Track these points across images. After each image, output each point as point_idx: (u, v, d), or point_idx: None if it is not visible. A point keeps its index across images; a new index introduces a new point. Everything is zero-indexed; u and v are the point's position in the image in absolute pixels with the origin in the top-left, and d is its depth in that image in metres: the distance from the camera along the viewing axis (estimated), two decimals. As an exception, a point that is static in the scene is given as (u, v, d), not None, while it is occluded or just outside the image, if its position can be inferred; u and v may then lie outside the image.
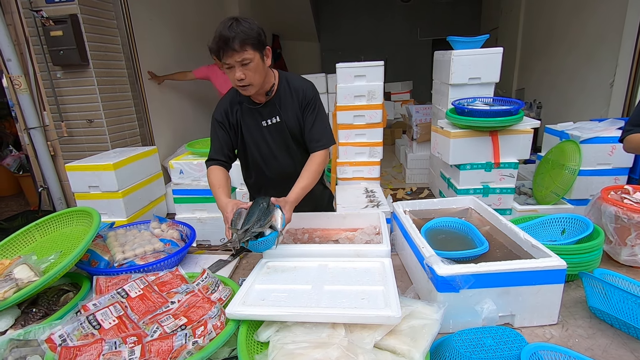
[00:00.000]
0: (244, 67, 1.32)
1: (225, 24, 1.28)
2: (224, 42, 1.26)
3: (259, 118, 1.52)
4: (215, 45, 1.29)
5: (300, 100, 1.50)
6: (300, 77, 1.56)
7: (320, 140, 1.51)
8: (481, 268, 0.99)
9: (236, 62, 1.30)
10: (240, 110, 1.52)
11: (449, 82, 3.07)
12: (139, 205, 2.95)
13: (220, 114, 1.52)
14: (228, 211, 1.25)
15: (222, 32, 1.26)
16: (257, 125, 1.53)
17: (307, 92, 1.51)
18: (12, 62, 3.10)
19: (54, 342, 0.89)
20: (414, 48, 9.38)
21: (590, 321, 1.05)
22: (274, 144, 1.55)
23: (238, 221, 1.19)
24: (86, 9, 3.11)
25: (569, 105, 4.47)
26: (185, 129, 4.69)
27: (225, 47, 1.27)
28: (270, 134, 1.54)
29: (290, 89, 1.51)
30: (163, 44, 4.29)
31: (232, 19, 1.29)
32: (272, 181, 1.64)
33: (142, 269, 1.30)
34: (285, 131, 1.53)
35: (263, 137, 1.54)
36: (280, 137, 1.54)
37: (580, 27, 4.24)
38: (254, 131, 1.54)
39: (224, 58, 1.30)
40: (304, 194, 1.40)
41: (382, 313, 0.91)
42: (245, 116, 1.52)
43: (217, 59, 1.33)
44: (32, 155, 3.44)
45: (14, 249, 1.38)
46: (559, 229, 1.41)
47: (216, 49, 1.29)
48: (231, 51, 1.28)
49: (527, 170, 3.28)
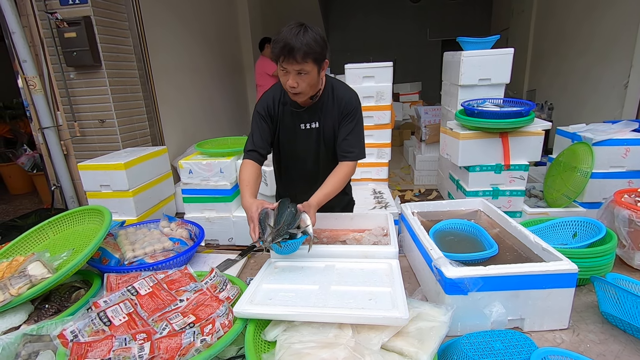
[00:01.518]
0: (299, 77, 1.34)
1: (292, 30, 1.27)
2: (288, 51, 1.27)
3: (298, 121, 1.53)
4: (279, 50, 1.28)
5: (341, 110, 1.51)
6: (345, 86, 1.56)
7: (352, 151, 1.51)
8: (490, 271, 0.98)
9: (294, 69, 1.31)
10: (282, 109, 1.52)
11: (458, 83, 3.04)
12: (149, 204, 2.99)
13: (263, 107, 1.53)
14: (253, 211, 1.24)
15: (288, 39, 1.26)
16: (294, 126, 1.54)
17: (350, 102, 1.51)
18: (27, 63, 3.17)
19: (66, 338, 0.91)
20: (424, 49, 9.33)
21: (602, 326, 1.04)
22: (306, 147, 1.57)
23: (267, 222, 1.19)
24: (99, 11, 3.16)
25: (581, 107, 4.40)
26: (194, 129, 4.74)
27: (287, 55, 1.28)
28: (306, 137, 1.55)
29: (334, 96, 1.51)
30: (173, 44, 4.33)
31: (300, 25, 1.29)
32: (294, 183, 1.66)
33: (152, 267, 1.31)
34: (321, 137, 1.55)
35: (297, 140, 1.55)
36: (314, 142, 1.56)
37: (593, 27, 4.17)
38: (290, 132, 1.55)
39: (283, 63, 1.31)
40: (326, 200, 1.40)
41: (389, 314, 0.90)
42: (286, 116, 1.53)
43: (275, 60, 1.35)
44: (45, 154, 3.51)
45: (28, 246, 1.41)
46: (570, 233, 1.39)
47: (278, 53, 1.29)
48: (292, 60, 1.28)
49: (537, 172, 3.23)
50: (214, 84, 5.38)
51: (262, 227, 1.18)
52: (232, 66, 6.00)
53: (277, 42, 1.29)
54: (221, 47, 5.56)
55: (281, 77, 1.37)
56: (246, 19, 6.25)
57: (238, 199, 3.05)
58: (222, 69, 5.61)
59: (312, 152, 1.58)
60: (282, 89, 1.49)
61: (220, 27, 5.55)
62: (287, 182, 1.72)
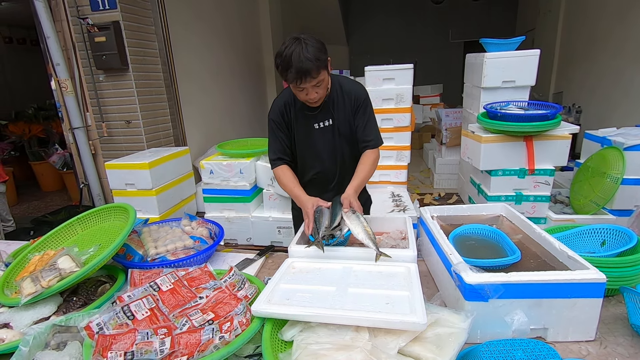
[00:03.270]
0: (317, 88, 1.38)
1: (296, 51, 1.28)
2: (303, 74, 1.30)
3: (312, 120, 1.56)
4: (294, 76, 1.31)
5: (352, 103, 1.54)
6: (352, 80, 1.60)
7: (372, 139, 1.57)
8: (512, 277, 0.96)
9: (311, 85, 1.35)
10: (295, 113, 1.55)
11: (481, 86, 2.98)
12: (171, 203, 3.07)
13: (276, 114, 1.56)
14: (309, 207, 1.31)
15: (297, 64, 1.28)
16: (309, 127, 1.57)
17: (359, 95, 1.55)
18: (60, 66, 3.33)
19: (92, 330, 0.95)
20: (445, 50, 9.19)
21: (631, 339, 0.99)
22: (323, 146, 1.59)
23: (322, 219, 1.27)
24: (127, 16, 3.28)
25: (611, 111, 4.22)
26: (215, 130, 4.83)
27: (304, 78, 1.31)
28: (321, 136, 1.58)
29: (342, 92, 1.54)
30: (197, 47, 4.44)
31: (297, 40, 1.30)
32: (311, 182, 1.68)
33: (173, 264, 1.35)
34: (336, 134, 1.57)
35: (313, 139, 1.58)
36: (330, 140, 1.58)
37: (626, 29, 4.00)
38: (305, 132, 1.58)
39: (301, 84, 1.34)
40: (362, 186, 1.45)
41: (407, 319, 0.89)
42: (299, 117, 1.56)
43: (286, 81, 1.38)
44: (75, 153, 3.67)
45: (58, 241, 1.48)
46: (598, 241, 1.33)
47: (294, 79, 1.32)
48: (310, 79, 1.32)
49: (564, 177, 3.12)
50: (235, 85, 5.48)
51: (317, 224, 1.25)
52: (252, 68, 6.09)
53: (286, 69, 1.30)
54: (243, 49, 5.66)
55: (298, 93, 1.41)
56: (267, 21, 6.33)
57: (257, 200, 3.09)
58: (243, 71, 5.70)
59: (329, 149, 1.60)
60: (291, 93, 1.52)
61: (242, 29, 5.65)
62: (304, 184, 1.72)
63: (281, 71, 1.34)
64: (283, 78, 1.36)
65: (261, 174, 2.98)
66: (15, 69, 6.69)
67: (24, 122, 5.46)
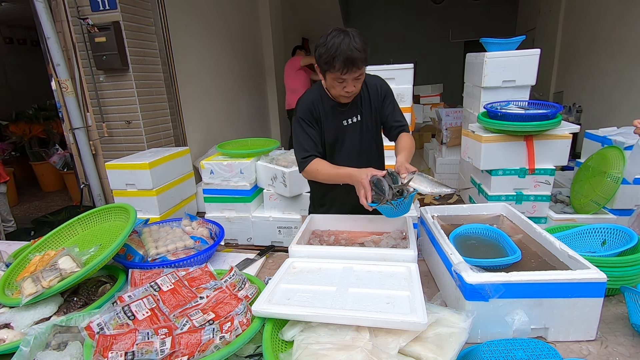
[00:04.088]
0: (356, 81, 1.38)
1: (344, 40, 1.30)
2: (351, 63, 1.30)
3: (341, 117, 1.56)
4: (341, 65, 1.31)
5: (378, 93, 1.58)
6: (368, 74, 1.60)
7: (404, 123, 1.62)
8: (512, 277, 0.96)
9: (354, 77, 1.36)
10: (324, 110, 1.55)
11: (481, 85, 2.98)
12: (172, 203, 3.07)
13: (305, 112, 1.54)
14: (363, 178, 1.30)
15: (347, 52, 1.29)
16: (338, 123, 1.56)
17: (382, 84, 1.60)
18: (60, 67, 3.33)
19: (93, 330, 0.95)
20: (445, 50, 9.17)
21: (632, 339, 0.99)
22: (351, 142, 1.60)
23: (382, 184, 1.27)
24: (128, 17, 3.28)
25: (612, 110, 4.21)
26: (216, 130, 4.84)
27: (351, 67, 1.32)
28: (350, 132, 1.58)
29: (367, 87, 1.56)
30: (197, 47, 4.44)
31: (345, 32, 1.32)
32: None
33: (174, 264, 1.35)
34: (364, 130, 1.59)
35: (342, 136, 1.58)
36: (358, 136, 1.59)
37: (626, 28, 4.00)
38: (334, 130, 1.57)
39: (345, 75, 1.34)
40: (410, 159, 1.46)
41: (407, 319, 0.89)
42: (328, 114, 1.55)
43: (328, 72, 1.36)
44: (75, 153, 3.67)
45: (58, 241, 1.48)
46: (599, 240, 1.33)
47: (341, 68, 1.32)
48: (355, 69, 1.33)
49: (564, 177, 3.12)
50: (235, 86, 5.48)
51: (380, 189, 1.25)
52: (253, 68, 6.09)
53: (333, 58, 1.30)
54: (243, 49, 5.66)
55: (335, 86, 1.40)
56: (267, 21, 6.33)
57: (257, 200, 3.09)
58: (243, 71, 5.70)
59: (358, 145, 1.61)
60: (319, 91, 1.52)
61: (243, 29, 5.65)
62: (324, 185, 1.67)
63: (326, 60, 1.33)
64: (326, 68, 1.35)
65: (261, 174, 2.98)
66: (16, 69, 6.69)
67: (24, 122, 5.46)
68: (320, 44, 1.35)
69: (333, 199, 1.73)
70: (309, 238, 1.46)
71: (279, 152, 3.20)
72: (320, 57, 1.35)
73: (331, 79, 1.39)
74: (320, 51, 1.34)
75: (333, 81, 1.40)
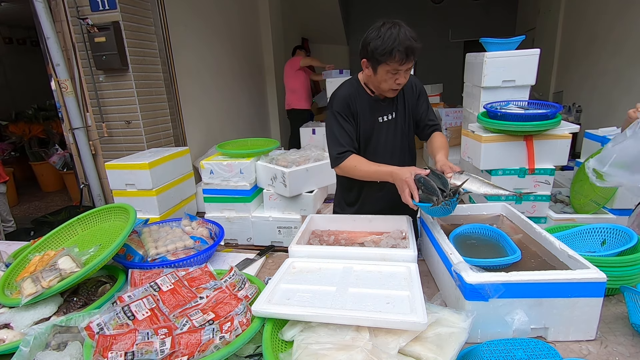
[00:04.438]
0: (407, 72, 1.39)
1: (404, 33, 1.31)
2: (412, 52, 1.31)
3: (377, 113, 1.55)
4: (402, 54, 1.31)
5: (413, 93, 1.58)
6: None
7: (437, 123, 1.66)
8: (512, 277, 0.96)
9: (407, 68, 1.37)
10: (361, 105, 1.53)
11: (481, 85, 2.98)
12: (171, 203, 3.06)
13: (342, 105, 1.50)
14: (407, 176, 1.29)
15: (407, 43, 1.30)
16: (374, 120, 1.55)
17: (417, 84, 1.60)
18: (60, 67, 3.33)
19: (92, 330, 0.95)
20: (445, 50, 9.18)
21: (632, 339, 0.99)
22: (386, 140, 1.59)
23: (431, 183, 1.26)
24: (127, 17, 3.28)
25: (612, 110, 4.22)
26: (216, 130, 4.84)
27: (410, 57, 1.33)
28: (385, 129, 1.58)
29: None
30: (197, 47, 4.44)
31: (401, 26, 1.33)
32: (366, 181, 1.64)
33: (174, 264, 1.35)
34: (398, 127, 1.59)
35: (377, 133, 1.57)
36: (392, 133, 1.59)
37: (626, 28, 4.00)
38: (369, 126, 1.55)
39: (402, 65, 1.34)
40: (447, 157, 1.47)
41: (407, 318, 0.89)
42: (365, 110, 1.53)
43: (384, 64, 1.35)
44: (75, 153, 3.67)
45: (58, 241, 1.48)
46: (598, 240, 1.33)
47: (401, 57, 1.32)
48: (411, 60, 1.34)
49: (564, 177, 3.12)
50: (235, 85, 5.48)
51: (430, 189, 1.24)
52: (253, 68, 6.09)
53: (392, 49, 1.30)
54: (243, 49, 5.66)
55: (388, 79, 1.39)
56: (267, 21, 6.33)
57: (257, 200, 3.09)
58: (243, 71, 5.70)
59: (391, 143, 1.60)
60: (356, 86, 1.52)
61: (243, 28, 5.65)
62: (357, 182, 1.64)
63: (383, 52, 1.32)
64: (383, 60, 1.33)
65: (261, 174, 2.98)
66: (16, 69, 6.69)
67: (24, 122, 5.46)
68: (371, 38, 1.34)
69: (365, 198, 1.69)
70: (308, 238, 1.46)
71: (279, 152, 3.20)
72: (376, 50, 1.33)
73: (385, 71, 1.37)
74: (375, 44, 1.32)
75: (387, 74, 1.38)
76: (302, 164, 2.82)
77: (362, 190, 1.68)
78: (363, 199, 1.70)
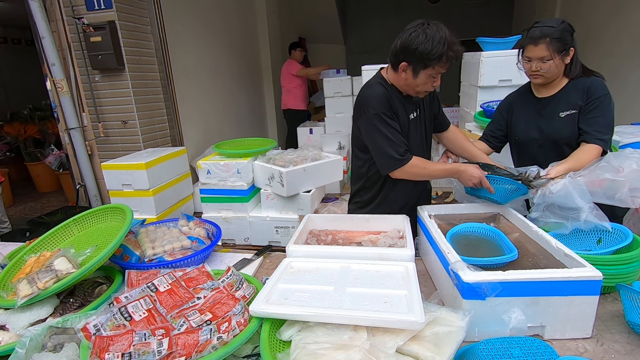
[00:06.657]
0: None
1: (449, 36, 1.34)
2: (460, 56, 1.40)
3: (408, 110, 1.55)
4: (453, 56, 1.36)
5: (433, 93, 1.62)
6: None
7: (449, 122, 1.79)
8: (509, 276, 0.96)
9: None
10: (395, 102, 1.52)
11: (477, 84, 2.99)
12: (168, 203, 3.06)
13: (384, 106, 1.47)
14: (478, 173, 1.39)
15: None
16: (406, 117, 1.55)
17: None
18: (55, 67, 3.31)
19: (89, 331, 0.94)
20: (442, 50, 9.20)
21: (628, 337, 1.00)
22: (415, 137, 1.60)
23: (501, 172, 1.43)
24: (123, 16, 3.26)
25: (607, 109, 4.24)
26: (213, 130, 4.82)
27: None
28: (414, 126, 1.59)
29: None
30: (193, 47, 4.43)
31: (444, 28, 1.36)
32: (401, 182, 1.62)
33: (171, 264, 1.35)
34: (422, 124, 1.61)
35: (409, 130, 1.57)
36: (419, 130, 1.61)
37: (620, 27, 4.03)
38: (403, 124, 1.55)
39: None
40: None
41: (405, 318, 0.90)
42: (399, 108, 1.52)
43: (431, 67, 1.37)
44: (71, 154, 3.65)
45: (54, 242, 1.47)
46: (594, 239, 1.34)
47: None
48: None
49: (560, 176, 3.13)
50: (233, 85, 5.47)
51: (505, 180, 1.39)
52: (250, 68, 6.08)
53: (444, 53, 1.31)
54: (240, 48, 5.65)
55: (427, 82, 1.41)
56: (264, 20, 6.32)
57: (254, 200, 3.09)
58: (241, 71, 5.69)
59: (419, 140, 1.62)
60: (383, 84, 1.52)
61: (239, 28, 5.64)
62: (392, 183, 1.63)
63: (436, 55, 1.32)
64: (432, 63, 1.34)
65: (259, 174, 2.98)
66: (11, 69, 6.64)
67: (19, 122, 5.42)
68: (419, 41, 1.32)
69: (383, 199, 1.69)
70: (306, 238, 1.46)
71: (276, 151, 3.19)
72: (429, 53, 1.31)
73: (428, 75, 1.38)
74: (425, 47, 1.31)
75: (428, 77, 1.39)
76: (299, 163, 2.82)
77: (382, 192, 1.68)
78: (380, 200, 1.69)
